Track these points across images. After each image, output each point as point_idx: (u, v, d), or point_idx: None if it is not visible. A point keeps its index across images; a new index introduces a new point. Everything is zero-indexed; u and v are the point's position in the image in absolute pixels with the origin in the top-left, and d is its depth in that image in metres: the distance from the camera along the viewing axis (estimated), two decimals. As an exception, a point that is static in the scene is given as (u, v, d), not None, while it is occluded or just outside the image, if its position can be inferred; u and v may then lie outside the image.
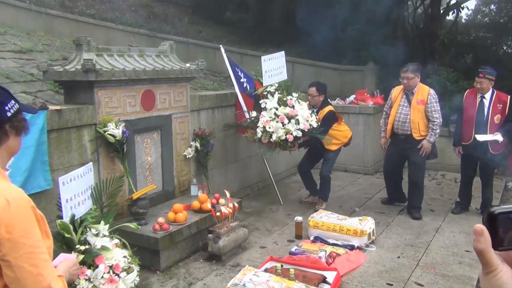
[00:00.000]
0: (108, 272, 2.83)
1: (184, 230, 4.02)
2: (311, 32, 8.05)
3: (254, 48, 9.66)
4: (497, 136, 4.85)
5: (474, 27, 11.86)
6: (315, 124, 4.98)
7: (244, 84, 5.61)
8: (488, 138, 4.89)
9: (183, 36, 9.50)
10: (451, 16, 10.79)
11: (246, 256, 4.19)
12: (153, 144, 4.52)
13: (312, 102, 5.39)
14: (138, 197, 3.91)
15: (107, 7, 10.01)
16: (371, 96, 7.54)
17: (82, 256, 2.75)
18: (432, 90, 5.11)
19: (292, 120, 4.84)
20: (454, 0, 10.29)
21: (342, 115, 5.87)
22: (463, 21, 12.72)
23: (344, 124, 5.63)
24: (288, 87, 5.31)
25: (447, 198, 5.95)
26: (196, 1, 12.13)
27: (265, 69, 5.17)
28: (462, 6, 10.14)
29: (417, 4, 10.34)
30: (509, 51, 10.86)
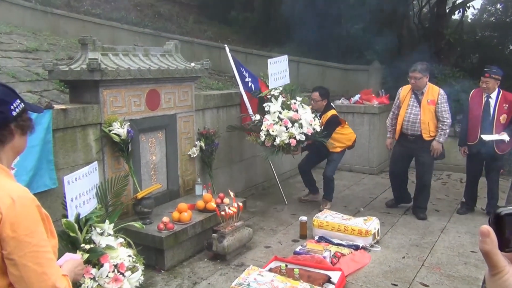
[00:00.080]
0: (113, 271, 2.84)
1: (189, 229, 4.02)
2: (316, 31, 8.03)
3: (259, 47, 9.67)
4: (503, 136, 4.82)
5: (480, 26, 11.77)
6: (319, 128, 4.99)
7: (249, 84, 5.61)
8: (494, 138, 4.86)
9: (188, 36, 9.51)
10: (457, 16, 10.72)
11: (250, 256, 4.19)
12: (158, 144, 4.52)
13: (315, 106, 5.39)
14: (143, 196, 3.92)
15: (113, 7, 10.04)
16: (376, 96, 7.51)
17: (87, 255, 2.76)
18: (442, 90, 5.04)
19: (296, 124, 4.85)
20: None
21: (347, 115, 5.85)
22: (469, 20, 12.63)
23: (348, 127, 5.62)
24: (293, 91, 5.31)
25: (452, 198, 5.92)
26: (201, 0, 12.14)
27: (271, 72, 5.21)
28: (468, 5, 10.05)
29: (422, 3, 10.29)
30: (515, 50, 10.79)
